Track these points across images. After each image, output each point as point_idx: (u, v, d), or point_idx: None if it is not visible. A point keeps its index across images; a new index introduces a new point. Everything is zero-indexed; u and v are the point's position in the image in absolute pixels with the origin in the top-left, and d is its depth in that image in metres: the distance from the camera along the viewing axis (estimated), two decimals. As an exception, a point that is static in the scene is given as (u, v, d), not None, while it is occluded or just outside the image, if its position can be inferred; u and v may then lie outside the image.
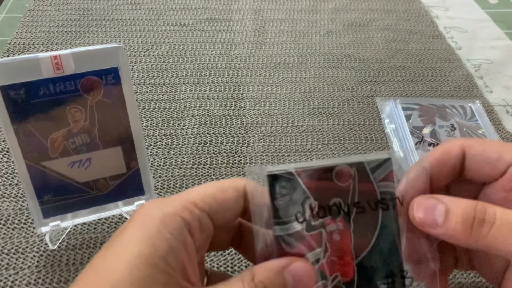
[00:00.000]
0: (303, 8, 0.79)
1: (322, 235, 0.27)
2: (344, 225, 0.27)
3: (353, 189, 0.27)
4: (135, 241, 0.23)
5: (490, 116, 0.59)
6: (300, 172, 0.26)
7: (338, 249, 0.27)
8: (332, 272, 0.27)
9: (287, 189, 0.26)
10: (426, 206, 0.26)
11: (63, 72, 0.35)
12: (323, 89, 0.62)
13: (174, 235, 0.24)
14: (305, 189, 0.26)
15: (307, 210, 0.26)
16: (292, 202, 0.26)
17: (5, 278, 0.39)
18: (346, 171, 0.27)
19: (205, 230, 0.26)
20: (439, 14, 0.81)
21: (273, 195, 0.26)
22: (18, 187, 0.46)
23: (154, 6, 0.77)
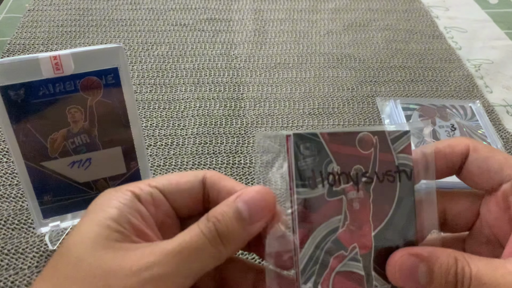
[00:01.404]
0: (303, 8, 0.79)
1: (343, 202, 0.26)
2: (364, 194, 0.27)
3: (374, 158, 0.27)
4: (89, 215, 0.25)
5: (490, 116, 0.58)
6: (325, 134, 0.26)
7: (357, 218, 0.26)
8: (351, 242, 0.26)
9: (311, 151, 0.26)
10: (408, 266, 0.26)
11: (62, 72, 0.35)
12: (323, 89, 0.62)
13: (124, 203, 0.25)
14: (329, 152, 0.26)
15: (330, 175, 0.26)
16: (315, 164, 0.26)
17: (5, 278, 0.39)
18: (369, 139, 0.27)
19: (159, 205, 0.27)
20: (439, 14, 0.81)
21: (297, 156, 0.25)
22: (18, 187, 0.46)
23: (154, 6, 0.77)
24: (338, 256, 0.26)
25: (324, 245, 0.26)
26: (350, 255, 0.27)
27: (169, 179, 0.27)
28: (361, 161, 0.27)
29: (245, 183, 0.49)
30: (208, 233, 0.24)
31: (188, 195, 0.28)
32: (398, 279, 0.26)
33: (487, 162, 0.28)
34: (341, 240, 0.26)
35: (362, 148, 0.27)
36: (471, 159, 0.28)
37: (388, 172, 0.27)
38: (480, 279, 0.24)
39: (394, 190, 0.27)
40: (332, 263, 0.26)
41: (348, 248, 0.26)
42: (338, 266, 0.26)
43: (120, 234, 0.24)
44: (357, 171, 0.27)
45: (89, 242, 0.23)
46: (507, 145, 0.55)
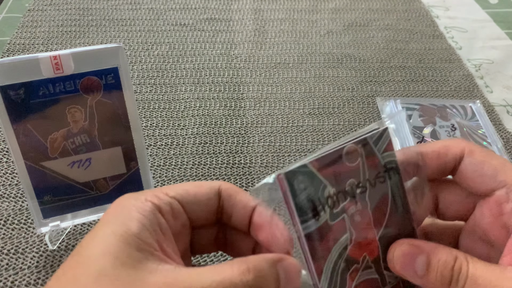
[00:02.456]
0: (303, 8, 0.79)
1: (346, 221, 0.27)
2: (362, 205, 0.27)
3: (363, 167, 0.27)
4: (108, 225, 0.24)
5: (490, 116, 0.58)
6: (314, 162, 0.26)
7: (361, 229, 0.27)
8: (360, 254, 0.27)
9: (304, 183, 0.26)
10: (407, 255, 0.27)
11: (62, 72, 0.35)
12: (323, 89, 0.62)
13: (145, 216, 0.24)
14: (321, 178, 0.26)
15: (328, 199, 0.26)
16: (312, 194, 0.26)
17: (4, 278, 0.39)
18: (354, 150, 0.27)
19: (178, 217, 0.26)
20: (440, 14, 0.81)
21: (294, 193, 0.26)
22: (18, 187, 0.46)
23: (154, 6, 0.77)
24: (353, 271, 0.27)
25: (339, 268, 0.27)
26: (363, 265, 0.27)
27: (187, 190, 0.27)
28: (352, 174, 0.27)
29: (245, 183, 0.49)
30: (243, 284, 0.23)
31: (205, 206, 0.28)
32: (396, 266, 0.27)
33: (481, 166, 0.28)
34: (352, 255, 0.27)
35: (350, 161, 0.27)
36: (466, 162, 0.28)
37: (378, 174, 0.28)
38: (476, 280, 0.25)
39: (386, 189, 0.28)
40: (349, 279, 0.27)
41: (359, 260, 0.27)
42: (355, 280, 0.27)
43: (142, 252, 0.23)
44: (351, 185, 0.27)
45: (111, 257, 0.22)
46: (507, 145, 0.55)
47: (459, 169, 0.29)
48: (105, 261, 0.22)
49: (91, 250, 0.23)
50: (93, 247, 0.23)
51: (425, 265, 0.26)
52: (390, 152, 0.28)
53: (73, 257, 0.24)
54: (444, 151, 0.29)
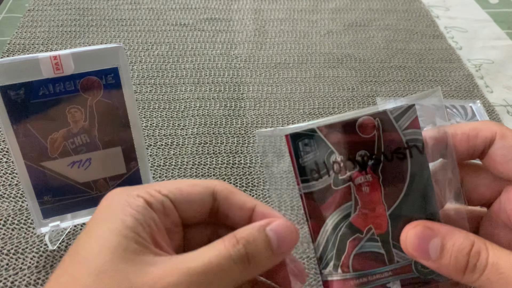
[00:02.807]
0: (303, 8, 0.79)
1: (351, 189, 0.27)
2: (373, 177, 0.27)
3: (379, 140, 0.27)
4: (103, 221, 0.24)
5: (490, 116, 0.58)
6: (322, 128, 0.26)
7: (369, 201, 0.27)
8: (365, 225, 0.27)
9: (311, 146, 0.26)
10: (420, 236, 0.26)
11: (62, 72, 0.35)
12: (323, 89, 0.62)
13: (138, 211, 0.25)
14: (328, 144, 0.26)
15: (334, 164, 0.26)
16: (317, 158, 0.26)
17: (4, 278, 0.39)
18: (369, 122, 0.27)
19: (169, 215, 0.26)
20: (440, 14, 0.80)
21: (297, 154, 0.26)
22: (18, 187, 0.46)
23: (154, 6, 0.77)
24: (354, 239, 0.27)
25: (338, 232, 0.27)
26: (366, 236, 0.27)
27: (180, 188, 0.27)
28: (364, 145, 0.27)
29: (245, 183, 0.49)
30: (236, 255, 0.24)
31: (198, 206, 0.28)
32: (408, 248, 0.26)
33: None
34: (355, 224, 0.27)
35: (364, 133, 0.27)
36: (496, 146, 0.27)
37: (397, 150, 0.27)
38: (497, 267, 0.24)
39: (405, 167, 0.27)
40: (349, 246, 0.27)
41: (363, 231, 0.27)
42: (356, 248, 0.27)
43: (138, 245, 0.23)
44: (362, 156, 0.27)
45: (109, 253, 0.23)
46: (507, 145, 0.55)
47: (489, 152, 0.28)
48: (103, 258, 0.22)
49: (88, 248, 0.23)
50: (90, 245, 0.23)
51: (439, 248, 0.25)
52: (415, 130, 0.27)
53: (70, 256, 0.24)
54: (474, 134, 0.28)
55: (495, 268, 0.24)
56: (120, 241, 0.23)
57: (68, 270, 0.23)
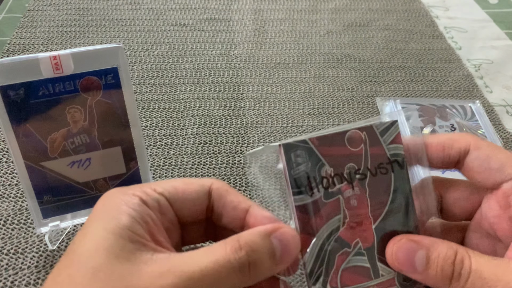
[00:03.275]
0: (303, 8, 0.79)
1: (340, 202, 0.27)
2: (360, 190, 0.27)
3: (365, 153, 0.27)
4: (99, 221, 0.24)
5: (490, 116, 0.58)
6: (314, 139, 0.26)
7: (357, 214, 0.27)
8: (353, 238, 0.27)
9: (302, 158, 0.26)
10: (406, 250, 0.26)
11: (62, 72, 0.35)
12: (323, 89, 0.62)
13: (134, 209, 0.25)
14: (320, 156, 0.26)
15: (324, 178, 0.26)
16: (308, 170, 0.26)
17: (4, 278, 0.39)
18: (358, 136, 0.27)
19: (165, 213, 0.26)
20: (439, 14, 0.81)
21: (289, 165, 0.26)
22: (18, 187, 0.46)
23: (153, 6, 0.77)
24: (342, 253, 0.27)
25: (328, 246, 0.27)
26: (354, 250, 0.27)
27: (176, 186, 0.27)
28: (352, 159, 0.27)
29: (244, 183, 0.49)
30: (238, 262, 0.23)
31: (193, 204, 0.27)
32: (395, 262, 0.27)
33: (488, 160, 0.28)
34: (344, 237, 0.27)
35: (352, 146, 0.27)
36: (472, 156, 0.28)
37: (380, 165, 0.27)
38: (480, 273, 0.24)
39: (389, 181, 0.28)
40: (338, 261, 0.27)
41: (351, 245, 0.27)
42: (344, 263, 0.27)
43: (134, 243, 0.23)
44: (350, 170, 0.27)
45: (105, 252, 0.23)
46: (507, 145, 0.55)
47: (466, 162, 0.29)
48: (99, 257, 0.22)
49: (84, 247, 0.23)
50: (86, 244, 0.23)
51: (424, 260, 0.26)
52: (398, 145, 0.28)
53: (67, 256, 0.24)
54: (449, 144, 0.29)
55: (478, 274, 0.24)
56: (116, 240, 0.23)
57: (64, 270, 0.23)
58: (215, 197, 0.28)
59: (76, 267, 0.23)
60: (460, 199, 0.30)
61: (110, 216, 0.24)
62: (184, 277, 0.22)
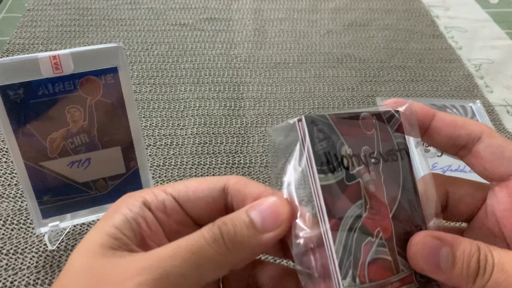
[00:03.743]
0: (303, 8, 0.79)
1: (360, 186, 0.25)
2: (377, 175, 0.25)
3: (377, 138, 0.26)
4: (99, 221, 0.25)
5: (490, 116, 0.58)
6: (333, 116, 0.25)
7: (376, 201, 0.25)
8: (375, 227, 0.25)
9: (324, 133, 0.24)
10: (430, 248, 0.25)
11: (62, 72, 0.35)
12: (323, 89, 0.62)
13: (131, 210, 0.24)
14: (339, 134, 0.25)
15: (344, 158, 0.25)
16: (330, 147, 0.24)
17: (4, 278, 0.39)
18: (369, 120, 0.26)
19: (171, 214, 0.26)
20: (440, 14, 0.80)
21: (313, 140, 0.24)
22: (17, 187, 0.46)
23: (153, 5, 0.77)
24: (367, 243, 0.24)
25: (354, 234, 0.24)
26: (376, 240, 0.25)
27: (187, 185, 0.26)
28: (367, 141, 0.26)
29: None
30: (210, 236, 0.23)
31: (204, 203, 0.26)
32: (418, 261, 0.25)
33: (501, 149, 0.27)
34: (367, 225, 0.25)
35: (366, 129, 0.26)
36: (484, 143, 0.27)
37: (391, 151, 0.26)
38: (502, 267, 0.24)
39: (398, 169, 0.26)
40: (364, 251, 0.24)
41: (373, 234, 0.25)
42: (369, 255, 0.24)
43: (117, 240, 0.23)
44: (365, 152, 0.25)
45: (84, 250, 0.23)
46: (507, 145, 0.55)
47: (477, 150, 0.27)
48: (79, 255, 0.23)
49: (76, 249, 0.24)
50: (78, 246, 0.24)
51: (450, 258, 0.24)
52: (401, 134, 0.27)
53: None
54: (461, 124, 0.27)
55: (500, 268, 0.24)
56: (98, 238, 0.23)
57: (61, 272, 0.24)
58: (233, 193, 0.26)
59: (65, 268, 0.23)
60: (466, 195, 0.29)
61: (108, 216, 0.24)
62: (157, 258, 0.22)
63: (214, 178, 0.27)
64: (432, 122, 0.28)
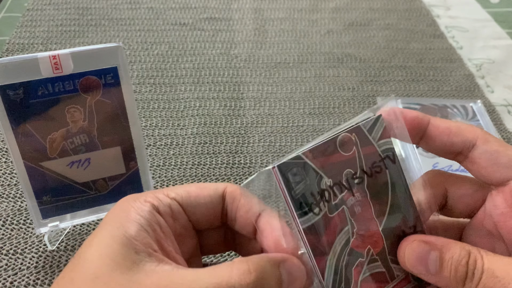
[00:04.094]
0: (303, 7, 0.79)
1: (345, 212, 0.26)
2: (361, 195, 0.26)
3: (359, 155, 0.26)
4: (107, 227, 0.24)
5: (491, 116, 0.58)
6: (307, 153, 0.25)
7: (363, 221, 0.26)
8: (364, 246, 0.26)
9: (300, 175, 0.25)
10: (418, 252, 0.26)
11: (62, 72, 0.34)
12: (323, 89, 0.62)
13: (143, 216, 0.24)
14: (316, 169, 0.25)
15: (325, 191, 0.25)
16: (308, 187, 0.25)
17: (4, 279, 0.39)
18: (348, 139, 0.26)
19: (177, 218, 0.26)
20: (440, 14, 0.80)
21: (288, 186, 0.25)
22: (17, 187, 0.46)
23: (153, 5, 0.77)
24: (357, 265, 0.26)
25: (343, 261, 0.26)
26: (367, 258, 0.27)
27: (189, 191, 0.27)
28: (348, 164, 0.26)
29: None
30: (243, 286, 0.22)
31: (206, 209, 0.27)
32: (407, 264, 0.26)
33: (496, 155, 0.27)
34: (355, 248, 0.26)
35: (345, 151, 0.26)
36: (479, 150, 0.27)
37: (374, 164, 0.27)
38: (493, 273, 0.24)
39: (385, 179, 0.27)
40: (355, 274, 0.26)
41: (363, 254, 0.26)
42: (361, 274, 0.26)
43: (139, 254, 0.23)
44: (347, 176, 0.26)
45: (107, 259, 0.22)
46: (508, 145, 0.55)
47: (473, 156, 0.28)
48: (101, 264, 0.22)
49: (89, 253, 0.23)
50: (91, 250, 0.23)
51: (437, 261, 0.25)
52: (386, 140, 0.27)
53: (74, 259, 0.24)
54: (456, 131, 0.28)
55: (490, 273, 0.24)
56: (119, 249, 0.23)
57: (69, 273, 0.23)
58: (229, 201, 0.27)
59: (79, 272, 0.23)
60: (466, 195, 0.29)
61: (118, 223, 0.24)
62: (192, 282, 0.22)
63: (213, 185, 0.27)
64: (427, 129, 0.28)
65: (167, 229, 0.25)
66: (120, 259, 0.22)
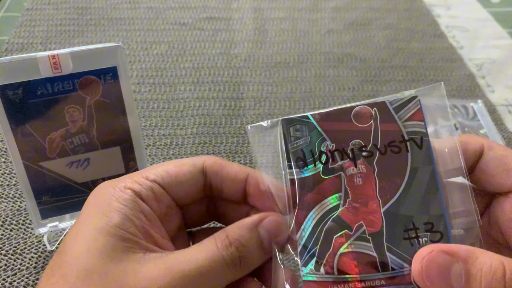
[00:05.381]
0: (303, 7, 0.79)
1: (341, 179, 0.25)
2: (367, 168, 0.25)
3: (375, 130, 0.26)
4: (89, 219, 0.24)
5: (492, 116, 0.58)
6: (316, 115, 0.26)
7: (361, 194, 0.25)
8: (356, 220, 0.25)
9: (302, 132, 0.26)
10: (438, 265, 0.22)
11: (61, 72, 0.34)
12: (323, 89, 0.62)
13: (126, 205, 0.24)
14: (321, 131, 0.26)
15: (323, 153, 0.26)
16: (307, 144, 0.26)
17: (3, 279, 0.39)
18: (366, 112, 0.26)
19: (161, 200, 0.26)
20: (441, 13, 0.80)
21: (287, 138, 0.26)
22: (16, 187, 0.46)
23: (153, 4, 0.77)
24: (341, 235, 0.25)
25: (324, 225, 0.25)
26: (356, 234, 0.25)
27: (168, 170, 0.27)
28: (359, 135, 0.26)
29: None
30: (230, 258, 0.24)
31: (188, 186, 0.27)
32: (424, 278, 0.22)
33: (504, 161, 0.26)
34: (344, 218, 0.25)
35: (359, 122, 0.26)
36: (486, 158, 0.26)
37: (392, 143, 0.26)
38: None
39: (404, 161, 0.25)
40: (335, 243, 0.25)
41: (352, 227, 0.25)
42: (343, 246, 0.25)
43: (126, 242, 0.23)
44: (354, 146, 0.26)
45: (97, 252, 0.22)
46: (509, 145, 0.55)
47: (480, 165, 0.27)
48: (91, 258, 0.22)
49: (76, 247, 0.23)
50: (77, 244, 0.23)
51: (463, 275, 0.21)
52: (417, 122, 0.26)
53: (59, 254, 0.23)
54: (463, 148, 0.26)
55: None
56: (107, 240, 0.23)
57: (58, 270, 0.23)
58: (211, 174, 0.27)
59: (69, 268, 0.22)
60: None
61: (100, 214, 0.24)
62: (183, 275, 0.23)
63: (190, 159, 0.28)
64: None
65: (152, 215, 0.25)
66: (109, 250, 0.22)
